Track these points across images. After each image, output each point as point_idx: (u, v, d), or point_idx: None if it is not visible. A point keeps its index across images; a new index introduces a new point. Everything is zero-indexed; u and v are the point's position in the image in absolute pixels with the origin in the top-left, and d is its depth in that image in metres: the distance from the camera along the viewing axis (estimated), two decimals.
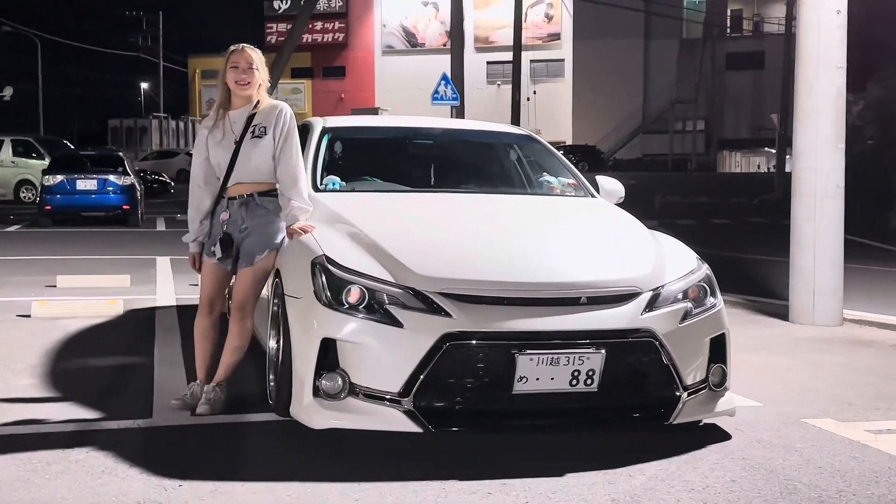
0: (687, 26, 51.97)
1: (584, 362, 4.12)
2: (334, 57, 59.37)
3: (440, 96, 20.61)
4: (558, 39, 53.79)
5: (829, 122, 7.95)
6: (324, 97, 60.38)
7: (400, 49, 58.54)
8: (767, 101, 48.95)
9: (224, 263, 4.88)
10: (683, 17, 51.02)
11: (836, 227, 8.04)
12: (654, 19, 49.53)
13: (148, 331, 7.25)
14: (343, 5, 57.66)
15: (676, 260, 4.71)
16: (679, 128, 51.28)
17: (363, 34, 59.78)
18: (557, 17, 53.82)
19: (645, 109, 52.06)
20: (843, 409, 5.15)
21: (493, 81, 52.81)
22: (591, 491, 3.74)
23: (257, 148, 4.80)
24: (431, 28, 57.46)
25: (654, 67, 51.58)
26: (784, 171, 38.14)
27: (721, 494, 3.71)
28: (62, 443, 4.27)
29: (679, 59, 51.07)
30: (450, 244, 4.53)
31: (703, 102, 50.13)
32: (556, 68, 52.96)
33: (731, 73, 51.41)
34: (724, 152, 53.36)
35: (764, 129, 50.39)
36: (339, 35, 59.39)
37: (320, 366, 4.23)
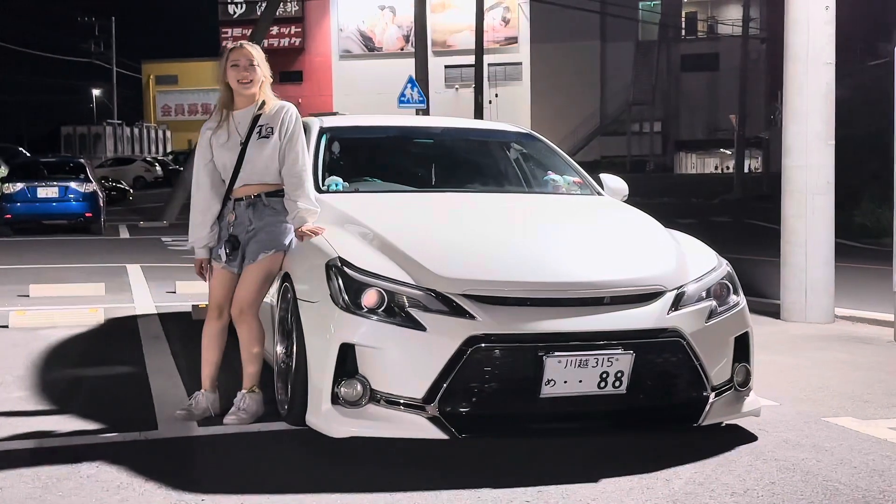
0: (642, 29, 52.24)
1: (613, 364, 4.00)
2: (291, 62, 58.88)
3: (407, 99, 20.47)
4: (515, 43, 53.78)
5: (819, 118, 7.93)
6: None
7: (357, 53, 58.23)
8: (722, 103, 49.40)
9: (231, 266, 4.70)
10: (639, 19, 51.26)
11: (827, 224, 8.03)
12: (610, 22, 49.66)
13: (133, 339, 7.04)
14: (299, 10, 57.24)
15: (697, 258, 4.61)
16: (636, 129, 51.52)
17: (320, 39, 59.41)
18: (514, 21, 53.83)
19: (602, 111, 52.24)
20: (860, 406, 5.08)
21: (452, 85, 52.71)
22: (630, 496, 3.62)
23: (264, 149, 4.63)
24: (388, 32, 57.25)
25: (610, 70, 51.78)
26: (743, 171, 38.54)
27: (764, 498, 3.61)
28: (68, 457, 4.06)
29: (635, 62, 51.31)
30: (468, 245, 4.39)
31: (660, 104, 50.43)
32: (513, 71, 52.95)
33: (687, 75, 51.75)
34: (680, 153, 53.71)
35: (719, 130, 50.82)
36: (296, 40, 58.94)
37: (339, 372, 4.08)
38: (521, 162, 5.90)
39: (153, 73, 63.22)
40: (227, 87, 4.73)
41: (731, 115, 37.48)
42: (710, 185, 37.92)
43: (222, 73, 4.72)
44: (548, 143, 6.05)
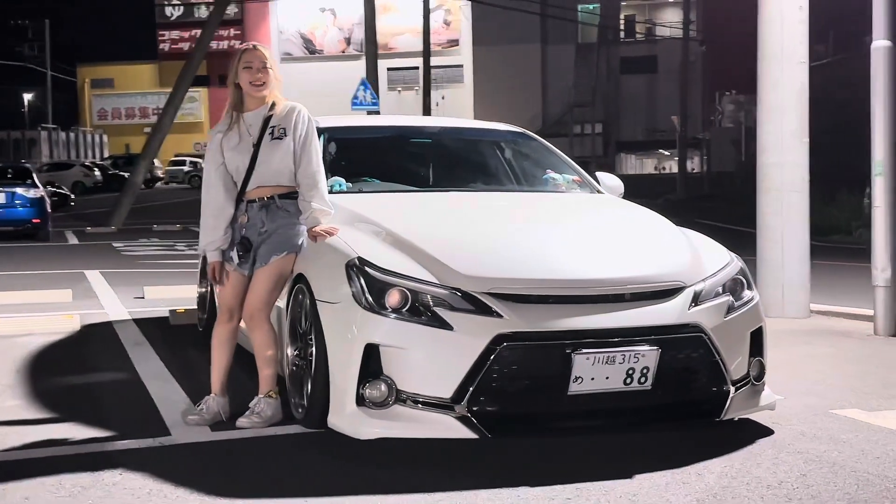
0: (582, 31, 52.72)
1: (640, 360, 4.01)
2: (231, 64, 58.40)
3: (360, 101, 20.40)
4: (457, 45, 53.97)
5: (794, 116, 8.05)
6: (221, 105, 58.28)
7: (298, 56, 57.90)
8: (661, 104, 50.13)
9: (242, 268, 4.62)
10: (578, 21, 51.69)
11: (802, 221, 8.15)
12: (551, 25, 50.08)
13: (115, 346, 6.89)
14: (238, 12, 56.70)
15: (710, 254, 4.65)
16: (578, 131, 51.96)
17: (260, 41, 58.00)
18: (456, 24, 54.01)
19: (545, 113, 52.60)
20: (863, 399, 5.16)
21: (394, 87, 52.71)
22: (668, 491, 3.62)
23: (277, 150, 4.56)
24: (330, 35, 57.05)
25: (551, 72, 52.19)
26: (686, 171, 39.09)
27: (799, 490, 3.64)
28: (87, 465, 3.96)
29: (576, 64, 51.78)
30: (489, 243, 4.38)
31: (601, 106, 50.92)
32: (456, 74, 53.11)
33: (626, 77, 52.35)
34: (621, 154, 54.32)
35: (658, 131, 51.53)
36: (235, 42, 58.31)
37: (363, 373, 4.03)
38: (519, 161, 5.90)
39: (89, 76, 62.15)
40: (237, 88, 4.66)
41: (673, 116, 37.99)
42: (651, 186, 38.35)
43: (233, 74, 4.64)
44: (543, 141, 6.06)
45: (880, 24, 7.25)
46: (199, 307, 7.25)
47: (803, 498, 3.55)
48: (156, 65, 61.31)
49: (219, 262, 4.63)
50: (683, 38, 38.35)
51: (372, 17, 24.31)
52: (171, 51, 60.57)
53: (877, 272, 7.32)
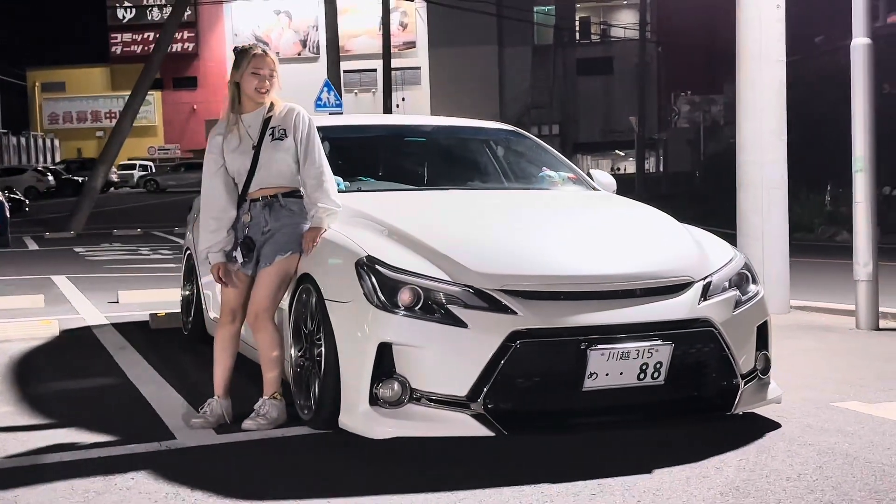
0: (538, 33, 52.94)
1: (653, 355, 4.02)
2: (185, 67, 57.93)
3: (324, 103, 20.29)
4: (414, 47, 53.94)
5: (773, 115, 8.12)
6: (175, 108, 58.90)
7: None
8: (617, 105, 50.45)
9: (245, 269, 4.55)
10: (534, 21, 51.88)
11: (782, 217, 8.23)
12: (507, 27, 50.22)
13: (99, 350, 6.79)
14: (192, 14, 56.16)
15: (715, 249, 4.67)
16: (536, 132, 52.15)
17: (214, 44, 58.52)
18: (412, 26, 53.98)
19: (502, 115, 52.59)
20: (860, 391, 5.21)
21: (351, 90, 52.50)
22: (690, 485, 3.62)
23: (278, 151, 4.50)
24: (285, 37, 56.74)
25: (508, 74, 52.34)
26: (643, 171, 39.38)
27: (820, 482, 3.66)
28: (96, 470, 3.88)
29: (533, 66, 51.98)
30: (498, 240, 4.36)
31: (557, 107, 51.16)
32: (412, 76, 53.07)
33: (582, 79, 52.64)
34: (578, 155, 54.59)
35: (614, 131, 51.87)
36: (189, 45, 57.96)
37: (376, 372, 3.99)
38: (515, 159, 5.89)
39: (39, 79, 61.22)
40: (236, 87, 4.59)
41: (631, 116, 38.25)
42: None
43: (238, 74, 4.56)
44: (536, 139, 6.07)
45: (860, 22, 7.33)
46: (183, 310, 7.16)
47: (825, 489, 3.56)
48: (108, 68, 60.57)
49: (223, 263, 4.56)
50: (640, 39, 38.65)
51: (333, 19, 24.17)
52: (123, 53, 59.88)
53: (858, 267, 7.41)
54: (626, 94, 47.91)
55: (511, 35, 51.08)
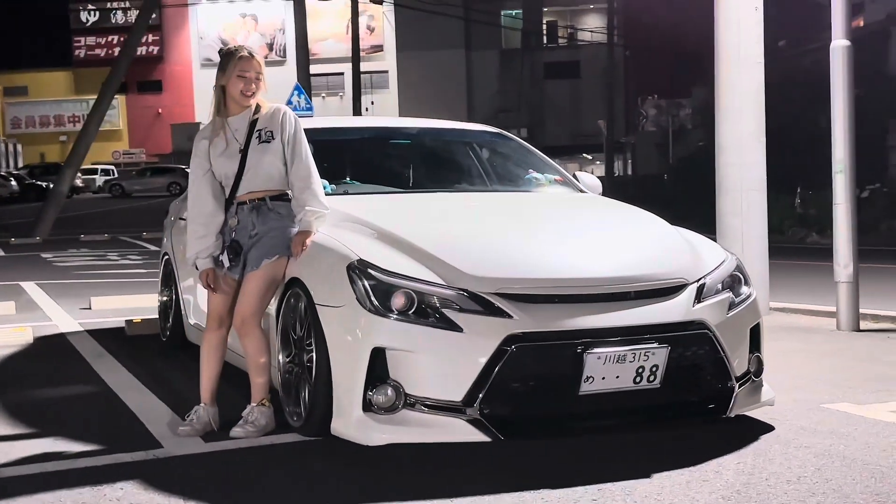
0: (506, 37, 53.00)
1: (649, 358, 3.98)
2: (149, 71, 57.41)
3: (295, 107, 20.13)
4: (381, 51, 53.85)
5: (751, 117, 8.14)
6: (140, 112, 58.36)
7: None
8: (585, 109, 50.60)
9: (233, 273, 4.47)
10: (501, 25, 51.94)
11: (761, 220, 8.24)
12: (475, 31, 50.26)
13: (75, 358, 6.66)
14: (157, 17, 55.69)
15: (707, 250, 4.64)
16: None
17: (179, 47, 58.09)
18: (379, 29, 53.88)
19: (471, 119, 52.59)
20: (848, 392, 5.21)
21: (318, 93, 52.21)
22: (691, 489, 3.59)
23: (266, 154, 4.42)
24: (251, 40, 56.31)
25: (476, 78, 52.37)
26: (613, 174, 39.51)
27: (820, 484, 3.63)
28: (83, 480, 3.78)
29: (500, 70, 52.04)
30: (492, 243, 4.30)
31: (526, 111, 51.24)
32: (380, 80, 52.98)
33: (550, 83, 52.73)
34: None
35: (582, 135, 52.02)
36: (154, 48, 57.47)
37: (370, 378, 3.93)
38: (501, 161, 5.85)
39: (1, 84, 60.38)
40: (222, 90, 4.50)
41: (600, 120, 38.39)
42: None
43: (225, 77, 4.47)
44: (521, 141, 6.02)
45: (839, 25, 7.36)
46: (161, 316, 7.05)
47: (826, 492, 3.54)
48: (71, 72, 59.94)
49: (212, 269, 4.47)
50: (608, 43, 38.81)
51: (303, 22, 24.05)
52: (87, 57, 59.29)
53: (839, 268, 7.43)
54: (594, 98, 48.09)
55: (479, 39, 51.13)
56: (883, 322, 7.75)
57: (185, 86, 58.08)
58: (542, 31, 53.46)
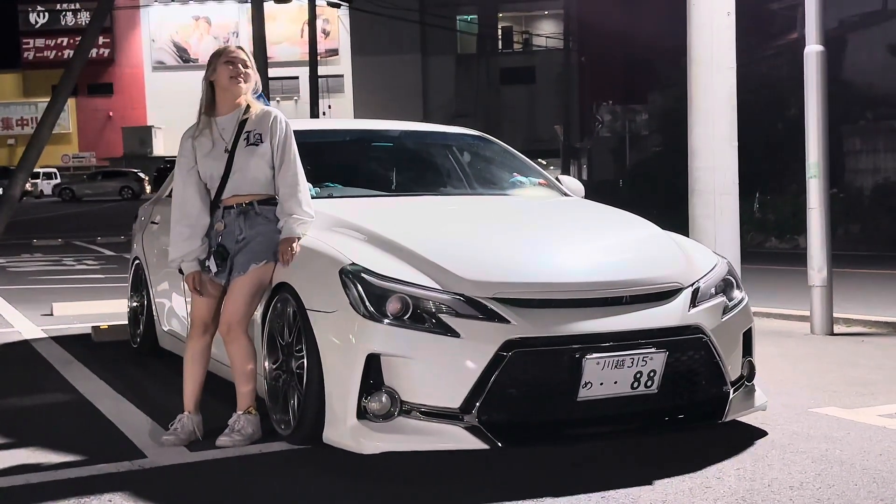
0: (461, 42, 53.04)
1: (647, 363, 3.93)
2: (100, 73, 56.64)
3: None
4: (336, 55, 53.65)
5: (724, 121, 8.12)
6: (90, 115, 57.56)
7: (172, 65, 56.60)
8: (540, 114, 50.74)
9: (219, 278, 4.35)
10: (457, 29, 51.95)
11: (733, 223, 8.22)
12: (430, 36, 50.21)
13: (43, 365, 6.48)
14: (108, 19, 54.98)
15: (699, 255, 4.61)
16: None
17: (131, 49, 57.39)
18: (335, 33, 53.69)
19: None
20: (834, 397, 5.20)
21: (273, 97, 51.87)
22: (695, 496, 3.53)
23: (253, 157, 4.31)
24: (205, 43, 55.87)
25: (432, 83, 52.30)
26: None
27: (823, 490, 3.60)
28: (68, 492, 3.64)
29: (456, 75, 52.04)
30: (487, 248, 4.23)
31: (482, 116, 51.26)
32: (336, 84, 52.75)
33: (506, 88, 52.83)
34: None
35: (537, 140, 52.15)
36: (105, 50, 56.69)
37: (364, 385, 3.83)
38: (485, 164, 5.78)
39: None
40: (210, 87, 4.39)
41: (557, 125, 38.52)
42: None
43: (212, 70, 4.37)
44: (504, 145, 5.96)
45: (812, 30, 7.40)
46: (131, 322, 6.89)
47: (831, 498, 3.51)
48: (20, 74, 58.97)
49: (198, 272, 4.35)
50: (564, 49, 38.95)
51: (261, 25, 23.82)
52: (35, 59, 58.41)
53: (813, 272, 7.46)
54: (549, 104, 48.25)
55: (434, 44, 51.09)
56: (855, 326, 7.81)
57: (136, 88, 57.41)
58: (497, 37, 53.56)
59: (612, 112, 40.92)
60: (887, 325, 7.64)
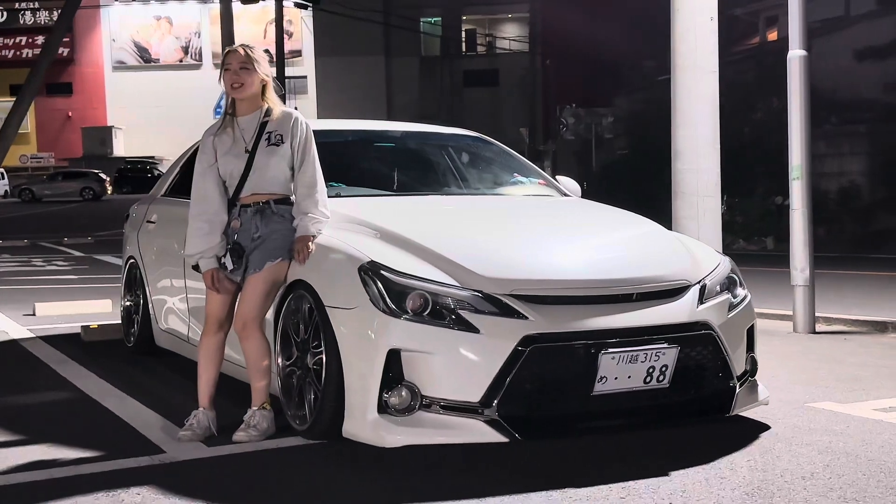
0: (425, 44, 53.08)
1: (660, 358, 4.04)
2: (59, 73, 55.91)
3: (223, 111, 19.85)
4: (300, 56, 53.46)
5: (707, 124, 8.29)
6: (49, 115, 56.86)
7: (132, 65, 56.11)
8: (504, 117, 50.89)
9: (234, 276, 4.40)
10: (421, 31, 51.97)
11: (716, 224, 8.40)
12: (394, 38, 50.18)
13: (36, 365, 6.48)
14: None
15: (703, 253, 4.73)
16: None
17: (91, 49, 56.81)
18: (298, 34, 53.49)
19: None
20: (827, 392, 5.35)
21: None
22: (712, 486, 3.64)
23: (274, 157, 4.37)
24: (166, 43, 55.51)
25: (396, 85, 52.25)
26: None
27: (834, 480, 3.73)
28: (95, 486, 3.67)
29: (420, 77, 52.06)
30: (503, 245, 4.32)
31: (446, 118, 51.32)
32: (300, 85, 52.53)
33: (469, 90, 52.94)
34: None
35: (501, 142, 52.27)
36: (64, 50, 55.93)
37: (385, 379, 3.90)
38: (486, 165, 5.86)
39: None
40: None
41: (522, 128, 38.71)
42: None
43: (220, 77, 4.43)
44: (503, 146, 6.06)
45: (796, 35, 7.57)
46: (125, 322, 6.89)
47: (843, 487, 3.63)
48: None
49: (216, 269, 4.39)
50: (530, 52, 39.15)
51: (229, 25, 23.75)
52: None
53: (796, 272, 7.63)
54: (513, 106, 48.41)
55: (398, 46, 51.07)
56: (836, 324, 7.99)
57: (96, 89, 56.85)
58: (461, 39, 53.67)
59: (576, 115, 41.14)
60: (867, 323, 7.83)
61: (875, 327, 7.75)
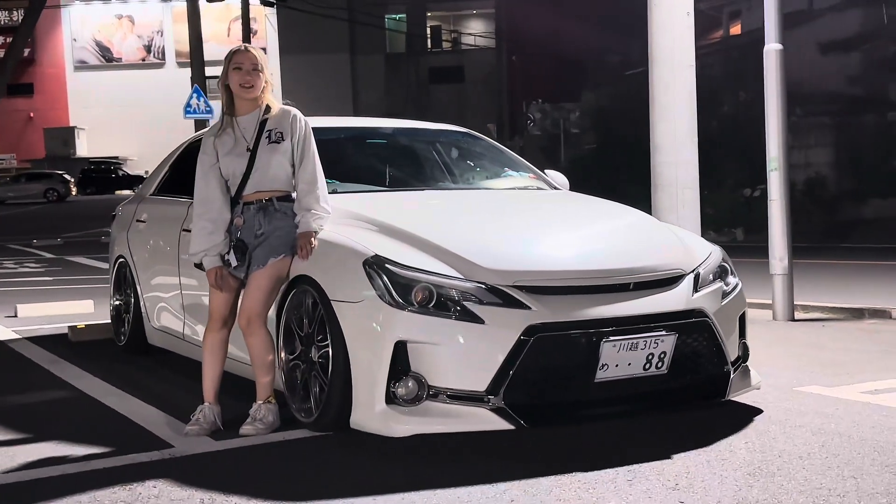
0: (390, 41, 53.06)
1: (659, 345, 4.16)
2: (20, 73, 55.17)
3: (193, 109, 19.85)
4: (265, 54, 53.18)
5: (685, 117, 8.42)
6: (10, 116, 56.15)
7: (94, 64, 55.61)
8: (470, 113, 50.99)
9: (237, 272, 4.46)
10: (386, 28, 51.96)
11: (695, 216, 8.53)
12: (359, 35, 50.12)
13: (28, 365, 6.49)
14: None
15: (695, 243, 4.86)
16: None
17: (52, 49, 56.25)
18: (262, 32, 53.21)
19: None
20: (812, 377, 5.50)
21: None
22: (715, 468, 3.76)
23: (275, 155, 4.43)
24: (128, 42, 55.10)
25: (362, 82, 52.20)
26: None
27: (830, 459, 3.86)
28: (111, 480, 3.73)
29: (386, 74, 52.05)
30: (504, 238, 4.41)
31: (412, 115, 51.31)
32: None
33: (435, 87, 52.98)
34: None
35: None
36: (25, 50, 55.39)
37: (392, 371, 3.99)
38: (477, 160, 5.95)
39: None
40: (227, 89, 4.50)
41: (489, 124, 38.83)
42: None
43: (223, 75, 4.48)
44: (492, 141, 6.15)
45: (772, 29, 7.72)
46: (115, 321, 6.91)
47: (840, 466, 3.76)
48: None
49: (220, 267, 4.45)
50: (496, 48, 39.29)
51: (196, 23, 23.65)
52: None
53: (774, 261, 7.79)
54: (479, 102, 48.52)
55: (363, 43, 51.00)
56: (813, 312, 8.16)
57: (58, 89, 56.30)
58: (426, 36, 53.69)
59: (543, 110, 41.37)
60: (843, 310, 8.01)
61: (852, 314, 7.93)
